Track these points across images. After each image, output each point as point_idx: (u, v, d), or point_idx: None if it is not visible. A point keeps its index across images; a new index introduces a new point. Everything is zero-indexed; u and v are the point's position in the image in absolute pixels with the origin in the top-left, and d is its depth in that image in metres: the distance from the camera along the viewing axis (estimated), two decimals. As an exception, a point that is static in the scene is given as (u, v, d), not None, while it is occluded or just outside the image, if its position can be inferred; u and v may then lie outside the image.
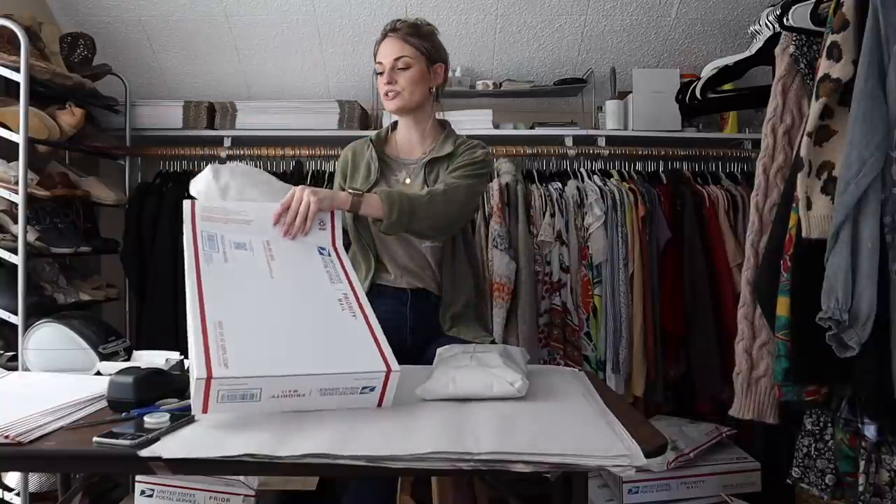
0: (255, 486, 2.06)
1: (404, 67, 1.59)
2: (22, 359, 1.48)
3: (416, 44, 1.61)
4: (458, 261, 1.64)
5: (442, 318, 1.63)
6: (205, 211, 1.33)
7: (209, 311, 1.11)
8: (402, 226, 1.45)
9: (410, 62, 1.59)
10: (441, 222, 1.52)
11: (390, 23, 1.63)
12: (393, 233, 1.49)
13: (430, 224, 1.50)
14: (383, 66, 1.60)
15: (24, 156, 2.05)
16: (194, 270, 1.20)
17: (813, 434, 1.57)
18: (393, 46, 1.60)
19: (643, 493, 2.12)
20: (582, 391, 1.26)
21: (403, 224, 1.45)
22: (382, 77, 1.61)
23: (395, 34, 1.61)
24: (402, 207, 1.44)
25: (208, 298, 1.14)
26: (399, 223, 1.44)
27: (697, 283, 2.53)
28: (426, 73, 1.62)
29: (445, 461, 0.90)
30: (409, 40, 1.60)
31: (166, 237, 2.60)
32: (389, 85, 1.59)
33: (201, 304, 1.12)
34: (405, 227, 1.46)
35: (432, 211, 1.49)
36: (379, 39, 1.64)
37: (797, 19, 1.66)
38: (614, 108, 2.83)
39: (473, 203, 1.65)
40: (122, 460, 0.97)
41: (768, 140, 1.75)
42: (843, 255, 1.32)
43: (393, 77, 1.59)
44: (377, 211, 1.44)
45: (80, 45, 2.56)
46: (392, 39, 1.61)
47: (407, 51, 1.59)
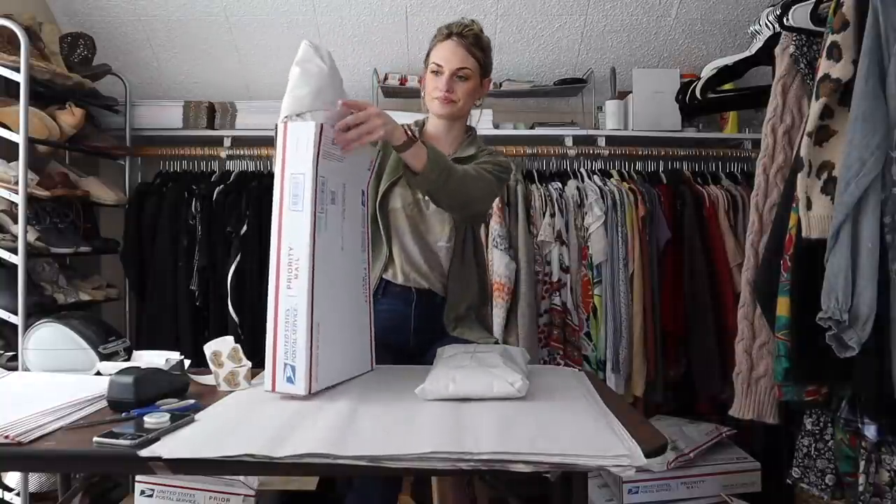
0: (255, 486, 2.06)
1: (464, 77, 1.58)
2: (22, 359, 1.48)
3: (479, 57, 1.59)
4: (466, 262, 1.64)
5: (447, 318, 1.62)
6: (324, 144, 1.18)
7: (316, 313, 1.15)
8: (433, 185, 1.43)
9: (470, 74, 1.58)
10: (461, 199, 1.51)
11: (456, 25, 1.59)
12: (420, 188, 1.46)
13: (453, 197, 1.49)
14: (443, 70, 1.57)
15: (24, 156, 2.05)
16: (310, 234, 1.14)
17: (813, 434, 1.57)
18: (457, 54, 1.57)
19: (643, 493, 2.12)
20: (582, 391, 1.26)
21: (435, 185, 1.43)
22: (438, 79, 1.58)
23: (462, 41, 1.57)
24: (442, 170, 1.41)
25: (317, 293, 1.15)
26: (433, 181, 1.41)
27: (697, 283, 2.53)
28: (478, 87, 1.62)
29: (445, 461, 0.90)
30: (473, 52, 1.58)
31: (166, 237, 2.60)
32: (448, 92, 1.57)
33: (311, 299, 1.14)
34: (435, 188, 1.44)
35: (461, 185, 1.48)
36: (440, 38, 1.60)
37: (797, 19, 1.66)
38: (614, 108, 2.83)
39: (491, 196, 1.65)
40: (122, 460, 0.97)
41: (768, 140, 1.75)
42: (843, 255, 1.32)
43: (452, 85, 1.57)
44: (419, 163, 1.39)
45: (80, 45, 2.56)
46: (457, 45, 1.57)
47: (470, 63, 1.58)
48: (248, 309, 2.56)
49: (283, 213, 1.14)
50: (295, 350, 1.14)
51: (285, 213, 1.14)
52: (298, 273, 1.13)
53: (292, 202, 1.14)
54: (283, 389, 1.15)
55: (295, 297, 1.13)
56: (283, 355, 1.14)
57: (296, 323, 1.13)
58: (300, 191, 1.14)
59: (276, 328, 1.15)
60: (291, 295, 1.13)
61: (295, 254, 1.13)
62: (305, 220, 1.13)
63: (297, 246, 1.13)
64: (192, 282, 2.58)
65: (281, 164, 1.15)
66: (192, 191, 2.65)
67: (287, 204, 1.14)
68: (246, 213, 2.58)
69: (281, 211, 1.14)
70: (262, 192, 2.63)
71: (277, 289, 1.14)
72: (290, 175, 1.14)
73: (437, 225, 1.62)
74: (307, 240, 1.13)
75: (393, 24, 2.84)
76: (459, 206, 1.55)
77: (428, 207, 1.61)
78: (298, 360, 1.14)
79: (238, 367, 1.30)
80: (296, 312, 1.13)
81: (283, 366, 1.14)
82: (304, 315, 1.13)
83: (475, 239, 1.69)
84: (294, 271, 1.13)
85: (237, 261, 2.55)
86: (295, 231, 1.14)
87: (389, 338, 1.57)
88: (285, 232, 1.14)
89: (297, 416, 1.07)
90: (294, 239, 1.14)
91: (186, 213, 2.62)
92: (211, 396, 1.23)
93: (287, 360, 1.14)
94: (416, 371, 1.29)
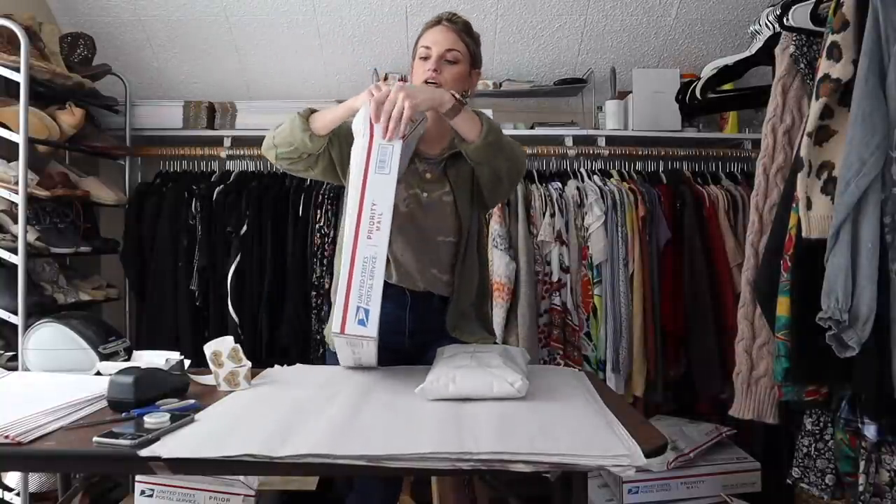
0: (255, 486, 2.07)
1: (453, 61, 1.54)
2: (22, 359, 1.48)
3: (468, 42, 1.58)
4: (469, 260, 1.59)
5: (449, 315, 1.57)
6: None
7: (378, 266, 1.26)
8: (490, 152, 1.43)
9: (459, 58, 1.55)
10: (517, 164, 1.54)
11: (446, 13, 1.59)
12: (477, 157, 1.46)
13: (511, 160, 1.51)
14: (430, 53, 1.53)
15: (24, 156, 2.05)
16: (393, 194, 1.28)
17: (813, 434, 1.57)
18: (447, 37, 1.55)
19: (643, 493, 2.12)
20: (582, 391, 1.26)
21: (494, 150, 1.44)
22: (426, 62, 1.54)
23: (452, 25, 1.56)
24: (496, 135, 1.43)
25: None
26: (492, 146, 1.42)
27: (697, 283, 2.53)
28: (467, 75, 1.59)
29: (445, 461, 0.90)
30: (462, 37, 1.56)
31: (166, 237, 2.60)
32: (434, 73, 1.52)
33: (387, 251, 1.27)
34: (494, 154, 1.45)
35: (511, 153, 1.50)
36: (429, 25, 1.59)
37: (797, 19, 1.66)
38: (614, 108, 2.83)
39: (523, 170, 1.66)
40: (122, 460, 0.97)
41: (768, 140, 1.75)
42: (843, 255, 1.32)
43: (440, 67, 1.53)
44: (473, 128, 1.39)
45: (80, 45, 2.56)
46: (447, 29, 1.56)
47: (459, 46, 1.55)
48: (248, 309, 2.56)
49: (369, 175, 1.29)
50: (371, 295, 1.23)
51: (371, 176, 1.29)
52: (381, 226, 1.26)
53: (379, 167, 1.29)
54: (353, 331, 1.23)
55: (376, 246, 1.25)
56: (356, 299, 1.23)
57: (374, 270, 1.23)
58: (387, 158, 1.30)
59: (352, 274, 1.24)
60: (372, 244, 1.25)
61: (378, 209, 1.26)
62: (391, 181, 1.28)
63: (380, 202, 1.27)
64: (192, 282, 2.58)
65: (369, 136, 1.31)
66: (192, 191, 2.65)
67: (373, 167, 1.29)
68: (246, 213, 2.58)
69: (366, 173, 1.29)
70: (262, 192, 2.63)
71: (357, 238, 1.26)
72: (378, 144, 1.31)
73: (439, 219, 1.57)
74: (391, 198, 1.27)
75: (393, 24, 2.84)
76: (515, 173, 1.57)
77: (428, 201, 1.56)
78: (373, 304, 1.23)
79: (238, 367, 1.30)
80: (374, 260, 1.24)
81: (356, 308, 1.23)
82: (381, 264, 1.24)
83: (480, 233, 1.66)
84: (376, 224, 1.26)
85: (237, 261, 2.55)
86: (380, 190, 1.28)
87: (384, 339, 1.53)
88: (370, 190, 1.27)
89: (297, 416, 1.07)
90: (378, 196, 1.27)
91: (186, 213, 2.62)
92: (211, 396, 1.23)
93: (361, 304, 1.23)
94: (416, 371, 1.29)
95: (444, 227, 1.57)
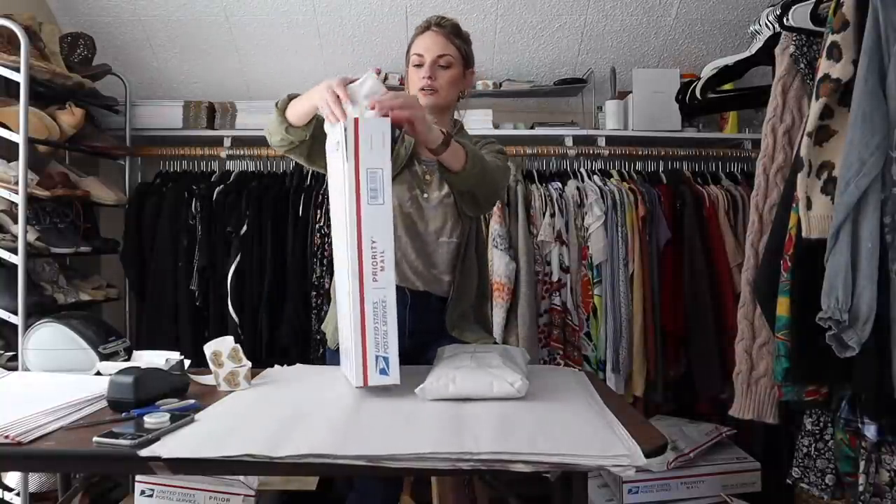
0: (255, 486, 2.07)
1: (446, 66, 1.56)
2: (22, 359, 1.48)
3: (459, 45, 1.58)
4: (468, 260, 1.61)
5: (449, 315, 1.58)
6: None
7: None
8: (475, 181, 1.45)
9: (452, 62, 1.56)
10: (494, 190, 1.56)
11: (434, 17, 1.60)
12: (459, 186, 1.48)
13: (490, 188, 1.52)
14: (423, 60, 1.55)
15: (24, 156, 2.05)
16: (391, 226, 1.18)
17: (813, 434, 1.57)
18: (437, 42, 1.56)
19: (643, 493, 2.12)
20: (582, 391, 1.26)
21: (475, 180, 1.45)
22: (420, 70, 1.56)
23: (441, 30, 1.57)
24: (478, 163, 1.43)
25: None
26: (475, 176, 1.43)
27: (697, 283, 2.53)
28: (461, 76, 1.60)
29: (445, 461, 0.90)
30: (452, 40, 1.57)
31: (166, 237, 2.60)
32: (429, 80, 1.54)
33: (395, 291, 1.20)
34: (475, 184, 1.46)
35: (493, 176, 1.51)
36: (419, 32, 1.60)
37: (797, 19, 1.66)
38: (614, 108, 2.83)
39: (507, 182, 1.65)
40: (122, 460, 0.97)
41: (768, 140, 1.75)
42: (843, 255, 1.32)
43: (434, 73, 1.55)
44: (459, 162, 1.40)
45: (80, 45, 2.56)
46: (436, 35, 1.57)
47: (451, 50, 1.56)
48: (248, 309, 2.56)
49: (362, 206, 1.16)
50: (387, 341, 1.17)
51: (364, 207, 1.16)
52: (385, 266, 1.17)
53: (370, 196, 1.17)
54: (376, 382, 1.18)
55: (383, 288, 1.17)
56: (374, 348, 1.17)
57: (385, 314, 1.17)
58: (378, 185, 1.17)
59: (364, 322, 1.16)
60: (379, 287, 1.17)
61: (379, 246, 1.17)
62: (387, 212, 1.17)
63: (380, 239, 1.17)
64: (192, 282, 2.58)
65: (354, 159, 1.16)
66: (192, 191, 2.65)
67: (365, 198, 1.16)
68: (246, 213, 2.58)
69: (359, 205, 1.16)
70: (262, 192, 2.63)
71: (362, 282, 1.17)
72: (366, 170, 1.16)
73: (440, 220, 1.57)
74: (390, 232, 1.18)
75: (393, 24, 2.84)
76: (492, 197, 1.57)
77: (428, 202, 1.57)
78: (391, 350, 1.17)
79: (238, 367, 1.30)
80: (384, 304, 1.17)
81: (376, 358, 1.17)
82: (392, 306, 1.17)
83: (480, 233, 1.67)
84: (380, 264, 1.17)
85: (237, 261, 2.55)
86: (377, 224, 1.17)
87: None
88: (366, 226, 1.16)
89: (297, 416, 1.07)
90: (376, 232, 1.17)
91: (186, 213, 2.62)
92: (211, 396, 1.23)
93: (379, 353, 1.17)
94: (416, 371, 1.29)
95: (445, 227, 1.58)
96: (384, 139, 1.17)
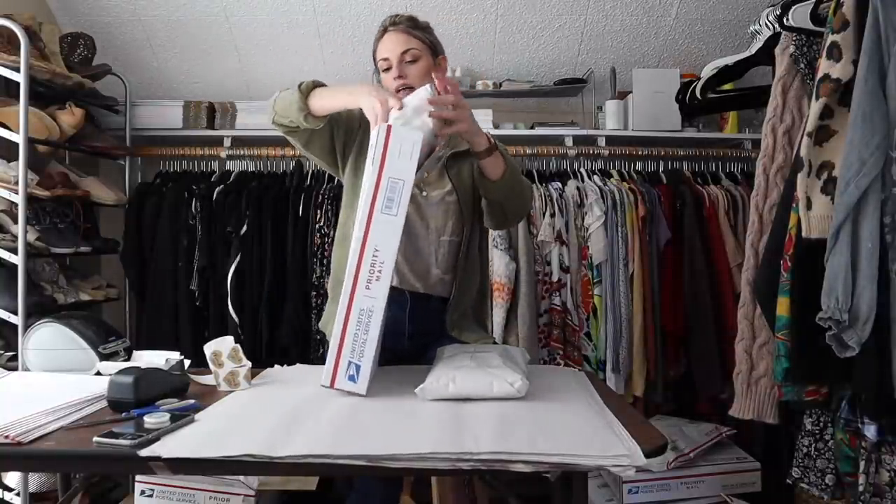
0: (255, 486, 2.07)
1: (413, 60, 1.54)
2: (22, 359, 1.48)
3: (420, 36, 1.56)
4: (470, 259, 1.60)
5: (449, 315, 1.57)
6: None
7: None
8: (506, 193, 1.47)
9: (418, 54, 1.54)
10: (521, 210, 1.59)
11: (387, 18, 1.58)
12: (494, 195, 1.49)
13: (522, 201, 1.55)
14: (390, 62, 1.53)
15: (24, 156, 2.05)
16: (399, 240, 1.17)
17: (813, 434, 1.57)
18: (397, 40, 1.54)
19: (643, 493, 2.12)
20: (582, 391, 1.26)
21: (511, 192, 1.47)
22: (390, 73, 1.53)
23: (397, 28, 1.55)
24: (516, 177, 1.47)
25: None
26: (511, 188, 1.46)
27: (697, 283, 2.53)
28: (432, 66, 1.57)
29: (445, 461, 0.90)
30: (412, 33, 1.55)
31: (166, 237, 2.60)
32: (400, 79, 1.52)
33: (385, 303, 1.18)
34: (507, 196, 1.48)
35: (522, 196, 1.54)
36: (378, 36, 1.58)
37: (797, 19, 1.66)
38: (614, 108, 2.83)
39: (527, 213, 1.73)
40: (122, 460, 0.97)
41: (768, 140, 1.75)
42: (843, 255, 1.32)
43: (403, 71, 1.52)
44: (499, 170, 1.43)
45: (80, 45, 2.56)
46: (395, 34, 1.55)
47: (413, 43, 1.54)
48: (249, 309, 2.56)
49: (375, 214, 1.15)
50: (364, 350, 1.17)
51: (377, 215, 1.15)
52: (381, 276, 1.16)
53: (386, 205, 1.15)
54: (342, 386, 1.18)
55: (374, 298, 1.16)
56: (349, 353, 1.17)
57: (369, 324, 1.16)
58: (396, 195, 1.15)
59: (346, 326, 1.17)
60: (370, 296, 1.16)
61: (380, 256, 1.16)
62: (398, 225, 1.16)
63: (384, 249, 1.16)
64: (192, 282, 2.58)
65: (379, 166, 1.15)
66: (192, 191, 2.65)
67: (380, 206, 1.15)
68: (246, 213, 2.58)
69: (372, 211, 1.15)
70: (262, 192, 2.63)
71: (355, 288, 1.16)
72: (388, 178, 1.15)
73: (440, 218, 1.56)
74: (396, 245, 1.16)
75: (393, 24, 2.83)
76: (521, 211, 1.60)
77: (427, 200, 1.55)
78: (365, 359, 1.17)
79: (238, 367, 1.30)
80: (371, 313, 1.16)
81: (348, 363, 1.18)
82: (378, 317, 1.16)
83: (482, 233, 1.66)
84: (377, 273, 1.16)
85: (237, 261, 2.55)
86: (385, 234, 1.15)
87: (384, 342, 1.52)
88: (374, 233, 1.15)
89: (297, 416, 1.07)
90: (382, 242, 1.15)
91: (186, 213, 2.62)
92: (211, 396, 1.23)
93: (353, 359, 1.17)
94: (416, 371, 1.29)
95: (447, 226, 1.57)
96: (412, 151, 1.16)
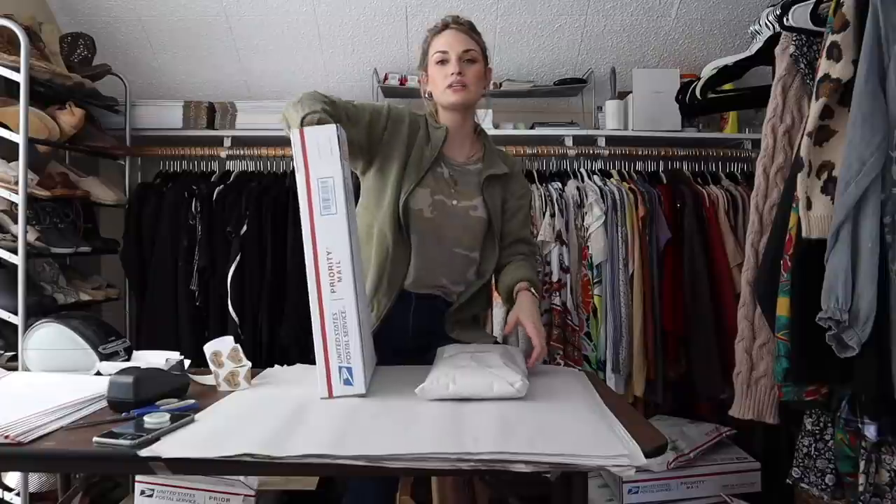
0: (255, 486, 2.07)
1: (472, 60, 1.54)
2: (22, 359, 1.48)
3: (480, 41, 1.58)
4: (482, 276, 1.61)
5: (448, 321, 1.57)
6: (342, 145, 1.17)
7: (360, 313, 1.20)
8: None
9: (476, 56, 1.55)
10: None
11: (450, 17, 1.58)
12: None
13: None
14: (448, 56, 1.52)
15: (24, 156, 2.05)
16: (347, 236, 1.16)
17: (813, 434, 1.57)
18: (461, 38, 1.54)
19: (643, 493, 2.12)
20: (582, 391, 1.26)
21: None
22: (446, 66, 1.53)
23: (461, 27, 1.56)
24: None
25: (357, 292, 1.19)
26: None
27: (697, 283, 2.53)
28: (484, 73, 1.59)
29: (445, 461, 0.90)
30: (473, 36, 1.56)
31: (166, 237, 2.60)
32: (459, 76, 1.51)
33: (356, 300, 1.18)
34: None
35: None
36: (437, 31, 1.57)
37: (797, 19, 1.66)
38: (614, 108, 2.83)
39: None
40: (122, 460, 0.97)
41: (768, 140, 1.75)
42: (843, 255, 1.32)
43: (462, 68, 1.52)
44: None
45: (80, 45, 2.56)
46: (458, 32, 1.55)
47: (473, 45, 1.55)
48: (249, 309, 2.56)
49: (315, 218, 1.15)
50: (349, 352, 1.17)
51: (318, 219, 1.15)
52: (342, 276, 1.15)
53: (324, 206, 1.15)
54: (341, 393, 1.17)
55: (342, 299, 1.16)
56: (336, 359, 1.17)
57: (346, 325, 1.16)
58: (330, 194, 1.15)
59: (325, 333, 1.16)
60: (337, 298, 1.16)
61: (335, 257, 1.15)
62: (341, 222, 1.15)
63: (335, 249, 1.15)
64: (192, 282, 2.58)
65: (304, 170, 1.15)
66: (192, 191, 2.65)
67: (318, 209, 1.15)
68: (246, 213, 2.58)
69: (312, 217, 1.15)
70: (262, 192, 2.63)
71: (320, 294, 1.16)
72: (316, 180, 1.15)
73: (462, 231, 1.56)
74: (346, 242, 1.15)
75: (393, 24, 2.84)
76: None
77: (454, 209, 1.55)
78: (354, 360, 1.17)
79: (238, 367, 1.30)
80: (344, 315, 1.16)
81: (339, 369, 1.17)
82: (352, 316, 1.16)
83: (496, 250, 1.62)
84: (337, 275, 1.15)
85: (237, 261, 2.55)
86: (331, 235, 1.15)
87: (385, 340, 1.52)
88: (321, 237, 1.15)
89: (297, 416, 1.07)
90: (331, 243, 1.15)
91: (186, 213, 2.62)
92: (211, 396, 1.23)
93: (342, 364, 1.17)
94: (416, 371, 1.29)
95: (465, 240, 1.56)
96: (332, 146, 1.15)
